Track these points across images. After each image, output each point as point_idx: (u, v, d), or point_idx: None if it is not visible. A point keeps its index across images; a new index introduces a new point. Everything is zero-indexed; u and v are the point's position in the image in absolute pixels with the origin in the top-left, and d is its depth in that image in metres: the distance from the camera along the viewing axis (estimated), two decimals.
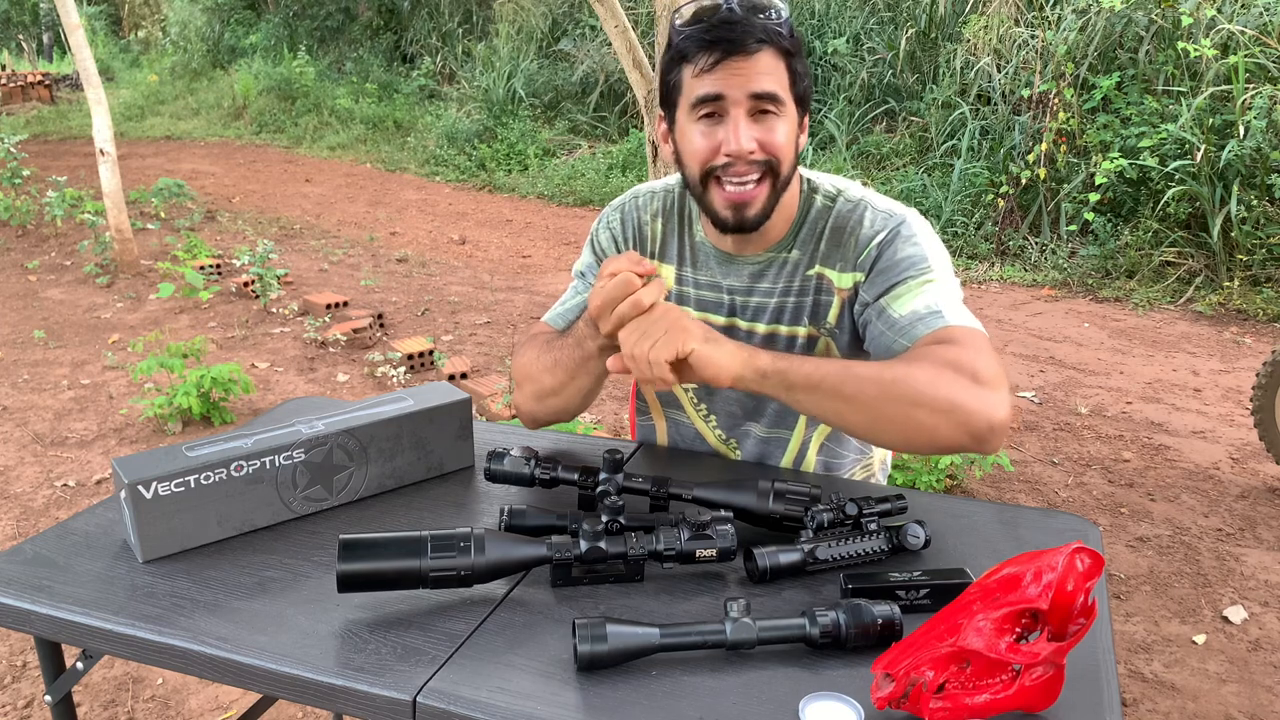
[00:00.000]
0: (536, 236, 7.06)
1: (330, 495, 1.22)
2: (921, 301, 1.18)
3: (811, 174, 1.33)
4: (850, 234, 1.26)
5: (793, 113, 1.19)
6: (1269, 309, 5.08)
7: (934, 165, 6.98)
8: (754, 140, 1.16)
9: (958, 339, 1.12)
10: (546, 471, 1.20)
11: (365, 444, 1.23)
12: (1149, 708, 2.27)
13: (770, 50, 1.16)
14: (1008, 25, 6.94)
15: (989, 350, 1.11)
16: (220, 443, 1.16)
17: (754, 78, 1.15)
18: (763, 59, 1.16)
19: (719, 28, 1.14)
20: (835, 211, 1.28)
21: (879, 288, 1.22)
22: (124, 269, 5.92)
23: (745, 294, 1.32)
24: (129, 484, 1.07)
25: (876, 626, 0.91)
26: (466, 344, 4.78)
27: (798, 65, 1.19)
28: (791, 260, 1.30)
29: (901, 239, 1.23)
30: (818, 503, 1.10)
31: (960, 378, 1.07)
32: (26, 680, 2.37)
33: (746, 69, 1.15)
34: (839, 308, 1.28)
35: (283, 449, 1.16)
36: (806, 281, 1.29)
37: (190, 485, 1.11)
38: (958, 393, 1.06)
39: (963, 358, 1.08)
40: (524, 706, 0.86)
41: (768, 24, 1.15)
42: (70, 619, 1.00)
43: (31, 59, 17.78)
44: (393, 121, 10.67)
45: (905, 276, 1.20)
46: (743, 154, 1.16)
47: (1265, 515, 3.12)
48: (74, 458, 3.56)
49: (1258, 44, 5.68)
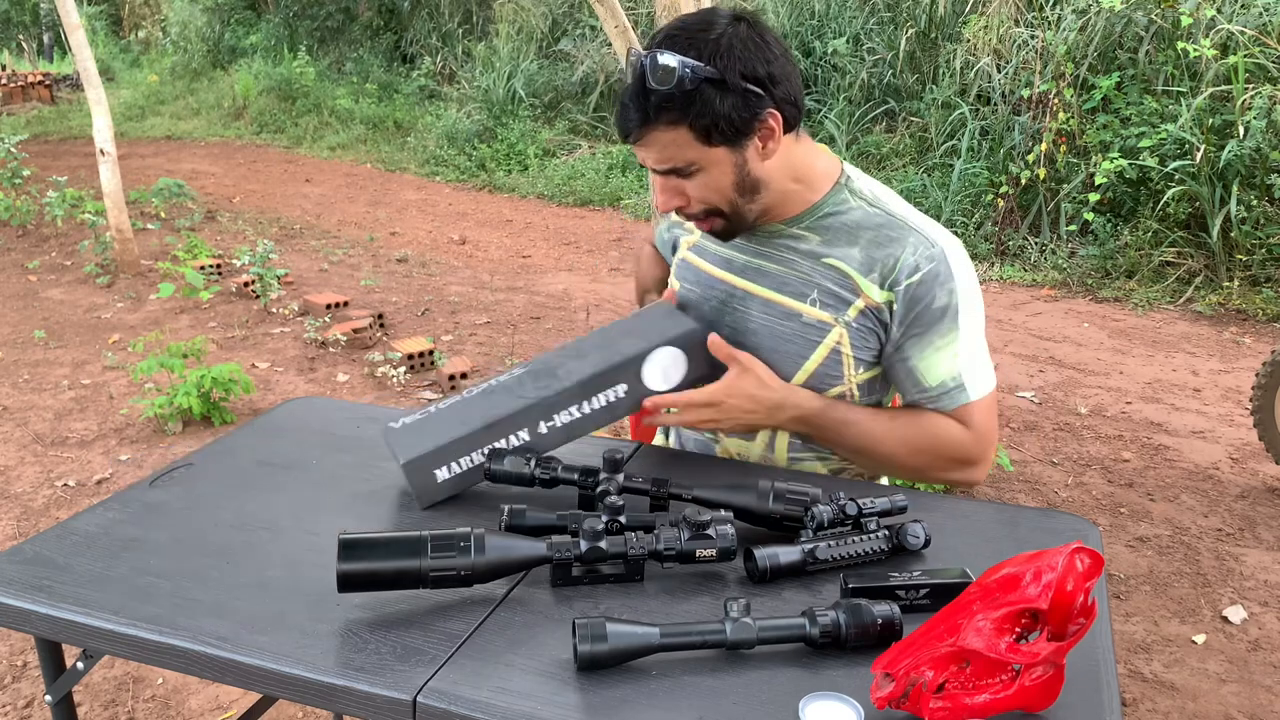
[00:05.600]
0: (536, 236, 7.06)
1: (557, 380, 1.25)
2: (948, 368, 1.28)
3: (853, 170, 1.34)
4: (889, 252, 1.26)
5: (717, 156, 1.20)
6: (1269, 309, 5.08)
7: (934, 165, 6.98)
8: (675, 199, 1.26)
9: (972, 422, 1.29)
10: (546, 471, 1.20)
11: (580, 348, 1.30)
12: (1149, 708, 2.27)
13: (660, 126, 1.17)
14: (1008, 25, 6.94)
15: (991, 419, 1.30)
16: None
17: (652, 158, 1.22)
18: (656, 137, 1.19)
19: (617, 115, 1.22)
20: (872, 220, 1.29)
21: (911, 332, 1.27)
22: (124, 269, 5.92)
23: (752, 255, 1.36)
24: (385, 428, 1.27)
25: (876, 626, 0.91)
26: (467, 344, 4.78)
27: (705, 116, 1.16)
28: (804, 238, 1.31)
29: (940, 283, 1.24)
30: (818, 503, 1.10)
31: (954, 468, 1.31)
32: (26, 680, 2.37)
33: (645, 150, 1.22)
34: (861, 308, 1.28)
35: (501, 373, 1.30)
36: (822, 266, 1.29)
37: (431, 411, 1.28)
38: (951, 475, 1.33)
39: (967, 448, 1.29)
40: (524, 706, 0.86)
41: (659, 97, 1.15)
42: (70, 619, 1.00)
43: (32, 59, 17.79)
44: (393, 121, 10.67)
45: (938, 329, 1.26)
46: (665, 212, 1.29)
47: (1265, 515, 3.12)
48: (74, 458, 3.56)
49: (1257, 44, 5.68)
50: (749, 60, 1.16)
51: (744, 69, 1.16)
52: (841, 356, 1.30)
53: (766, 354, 1.32)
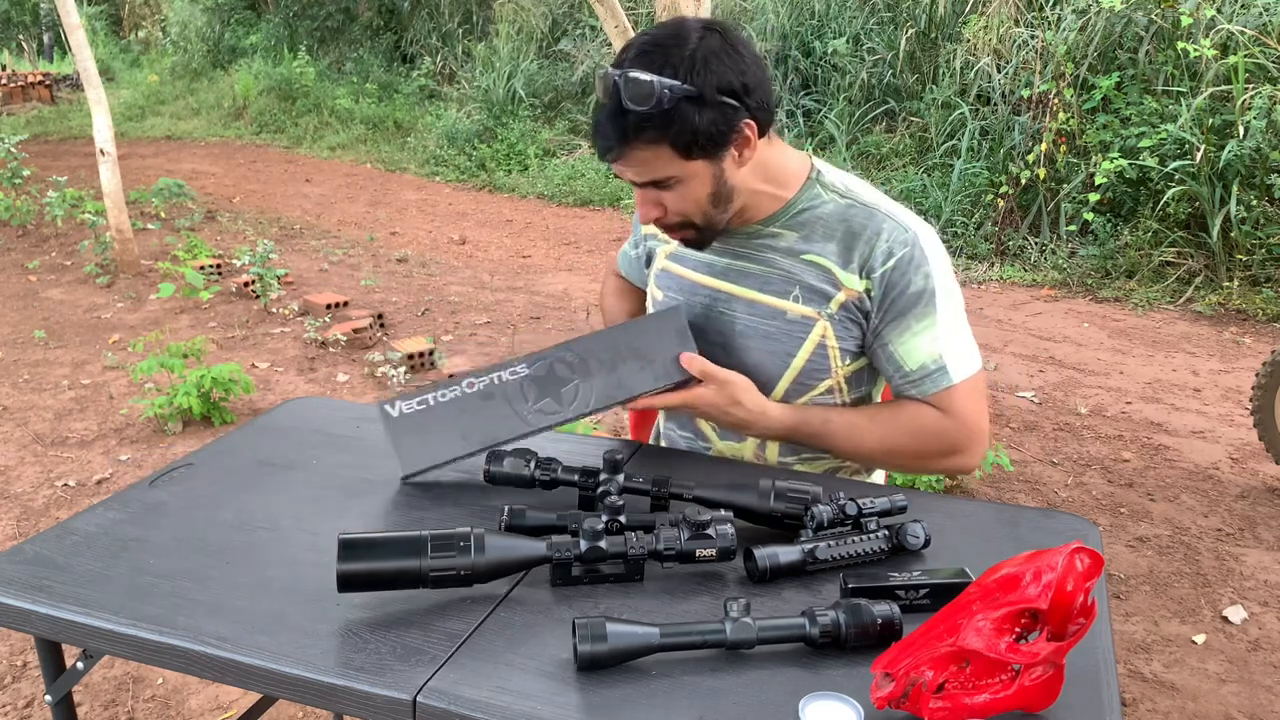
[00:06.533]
0: (536, 236, 7.06)
1: (561, 407, 1.26)
2: (929, 351, 1.28)
3: (822, 164, 1.35)
4: (865, 241, 1.27)
5: (695, 170, 1.20)
6: (1269, 309, 5.08)
7: (934, 165, 6.98)
8: (654, 211, 1.26)
9: (955, 409, 1.29)
10: (546, 473, 1.20)
11: (584, 357, 1.28)
12: (1149, 707, 2.27)
13: (639, 143, 1.17)
14: (1008, 25, 6.94)
15: (976, 403, 1.30)
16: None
17: (632, 173, 1.22)
18: (634, 156, 1.19)
19: (594, 133, 1.22)
20: (845, 212, 1.30)
21: (889, 317, 1.28)
22: (124, 269, 5.92)
23: (732, 257, 1.36)
24: (379, 405, 1.25)
25: (876, 626, 0.91)
26: (467, 344, 4.78)
27: (685, 133, 1.16)
28: (781, 236, 1.32)
29: (914, 266, 1.26)
30: (818, 502, 1.11)
31: (943, 458, 1.32)
32: (26, 680, 2.37)
33: (624, 166, 1.22)
34: (842, 300, 1.30)
35: (507, 365, 1.27)
36: (802, 263, 1.30)
37: (430, 403, 1.25)
38: (942, 465, 1.33)
39: (952, 436, 1.30)
40: (524, 706, 0.86)
41: (637, 117, 1.14)
42: (70, 619, 1.00)
43: (32, 59, 17.77)
44: (393, 121, 10.66)
45: (915, 313, 1.27)
46: (646, 223, 1.28)
47: (1265, 515, 3.12)
48: (74, 458, 3.56)
49: (1257, 44, 5.68)
50: (723, 73, 1.16)
51: (719, 82, 1.16)
52: (827, 350, 1.31)
53: (755, 354, 1.33)
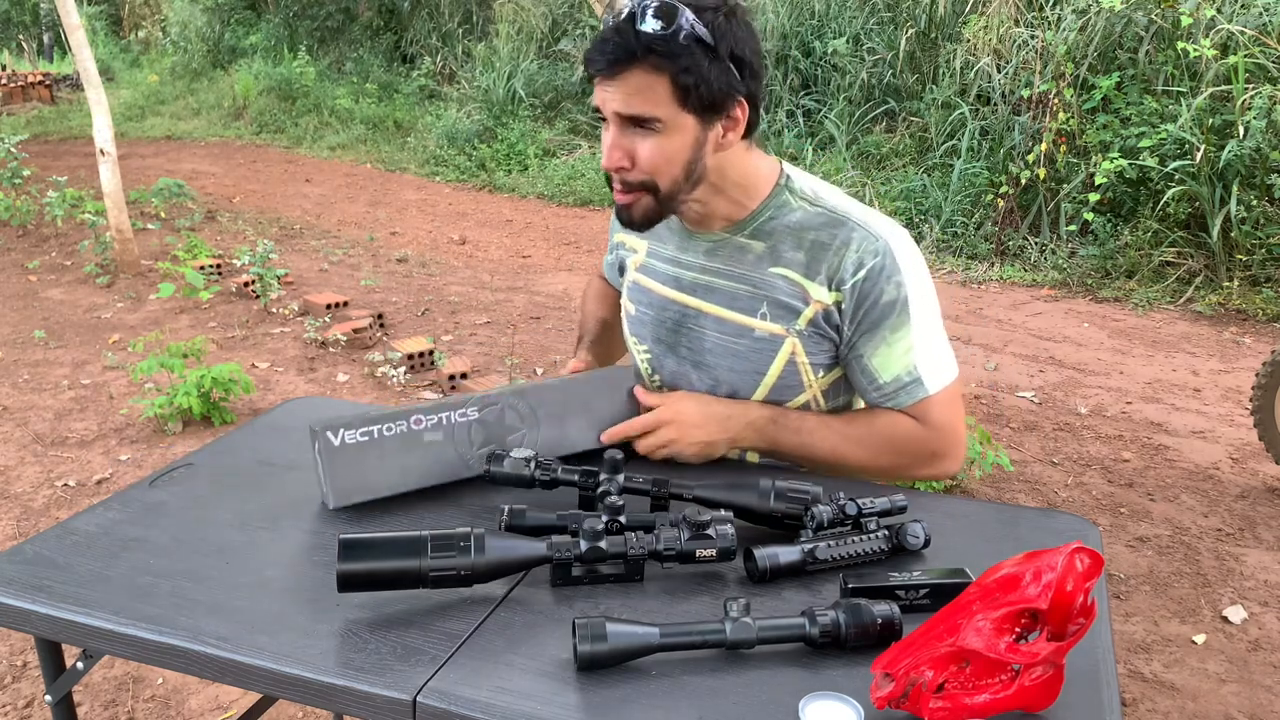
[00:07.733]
0: (536, 236, 7.06)
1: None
2: (902, 363, 1.26)
3: (792, 170, 1.32)
4: (834, 252, 1.24)
5: (683, 123, 1.17)
6: (1269, 309, 5.08)
7: (934, 165, 6.98)
8: (623, 158, 1.19)
9: (932, 420, 1.27)
10: (546, 473, 1.20)
11: (535, 407, 1.26)
12: (1149, 707, 2.27)
13: (643, 67, 1.13)
14: (1008, 25, 6.94)
15: (952, 412, 1.28)
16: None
17: (620, 99, 1.15)
18: (632, 78, 1.14)
19: (596, 44, 1.15)
20: (814, 221, 1.27)
21: (861, 329, 1.26)
22: (124, 269, 5.92)
23: (699, 271, 1.34)
24: (319, 430, 1.15)
25: (876, 626, 0.91)
26: (467, 344, 4.78)
27: (690, 75, 1.13)
28: (749, 248, 1.29)
29: (886, 276, 1.23)
30: (818, 502, 1.10)
31: (921, 465, 1.30)
32: (26, 680, 2.37)
33: (614, 89, 1.15)
34: (811, 316, 1.27)
35: (457, 406, 1.23)
36: (768, 278, 1.28)
37: (374, 435, 1.19)
38: (921, 472, 1.31)
39: (929, 443, 1.28)
40: (524, 706, 0.86)
41: (649, 37, 1.11)
42: (70, 619, 1.00)
43: (32, 59, 17.78)
44: (393, 121, 10.66)
45: (888, 324, 1.25)
46: (610, 169, 1.20)
47: (1265, 515, 3.12)
48: (74, 458, 3.56)
49: (1257, 44, 5.68)
50: (741, 41, 1.16)
51: (734, 47, 1.15)
52: (798, 366, 1.30)
53: (724, 372, 1.32)
